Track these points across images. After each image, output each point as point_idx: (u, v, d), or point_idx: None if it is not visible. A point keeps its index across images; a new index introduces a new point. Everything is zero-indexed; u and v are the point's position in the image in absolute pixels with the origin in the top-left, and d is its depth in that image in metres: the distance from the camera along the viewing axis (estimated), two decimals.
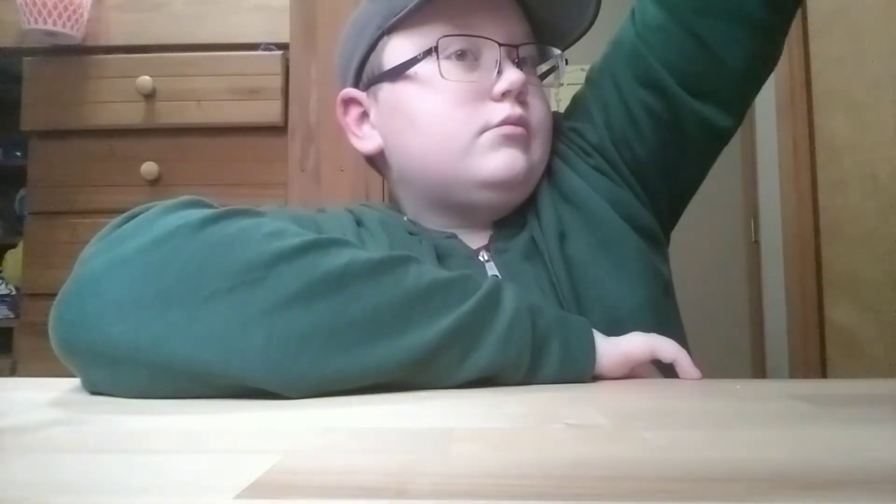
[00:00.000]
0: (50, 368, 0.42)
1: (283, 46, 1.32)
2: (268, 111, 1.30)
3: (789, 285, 1.90)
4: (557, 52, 0.63)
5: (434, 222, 0.63)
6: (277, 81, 1.31)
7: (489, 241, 0.62)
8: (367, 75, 0.63)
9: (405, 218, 0.64)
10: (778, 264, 2.00)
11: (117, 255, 0.38)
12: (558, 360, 0.45)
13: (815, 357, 1.76)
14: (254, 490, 0.21)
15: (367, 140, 0.64)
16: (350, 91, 0.65)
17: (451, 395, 0.40)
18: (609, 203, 0.60)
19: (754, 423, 0.32)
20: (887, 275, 1.45)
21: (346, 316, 0.39)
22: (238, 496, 0.20)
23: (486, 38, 0.58)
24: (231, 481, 0.22)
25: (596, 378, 0.47)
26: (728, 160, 2.90)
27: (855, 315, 1.63)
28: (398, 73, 0.60)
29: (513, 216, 0.62)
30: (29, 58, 1.36)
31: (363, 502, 0.20)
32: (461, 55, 0.59)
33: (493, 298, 0.45)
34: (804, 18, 1.79)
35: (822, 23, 1.74)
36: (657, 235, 0.64)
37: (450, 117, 0.59)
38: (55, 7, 1.26)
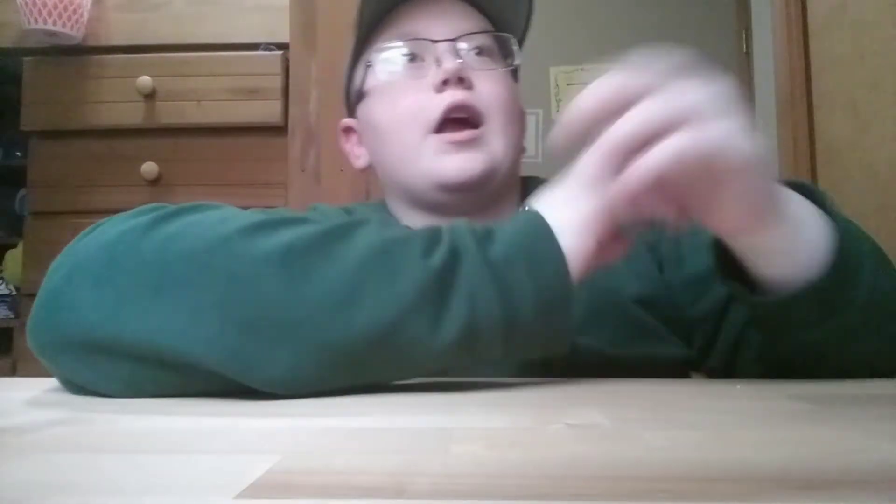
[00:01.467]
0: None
1: (283, 46, 1.33)
2: (268, 111, 1.31)
3: None
4: (508, 35, 0.66)
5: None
6: (277, 81, 1.31)
7: None
8: (352, 102, 0.70)
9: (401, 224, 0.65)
10: None
11: (75, 263, 0.39)
12: (530, 287, 0.38)
13: None
14: (254, 490, 0.21)
15: (359, 159, 0.70)
16: (346, 121, 0.72)
17: (451, 395, 0.40)
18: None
19: (754, 423, 0.32)
20: None
21: (296, 295, 0.36)
22: (238, 496, 0.20)
23: (420, 38, 0.62)
24: (231, 481, 0.22)
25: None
26: None
27: None
28: (360, 92, 0.67)
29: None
30: (29, 58, 1.36)
31: (363, 502, 0.20)
32: (412, 59, 0.63)
33: (455, 253, 0.39)
34: (804, 18, 1.79)
35: (822, 23, 1.74)
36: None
37: (398, 119, 0.62)
38: (55, 7, 1.26)
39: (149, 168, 1.30)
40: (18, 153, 2.13)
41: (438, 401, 0.38)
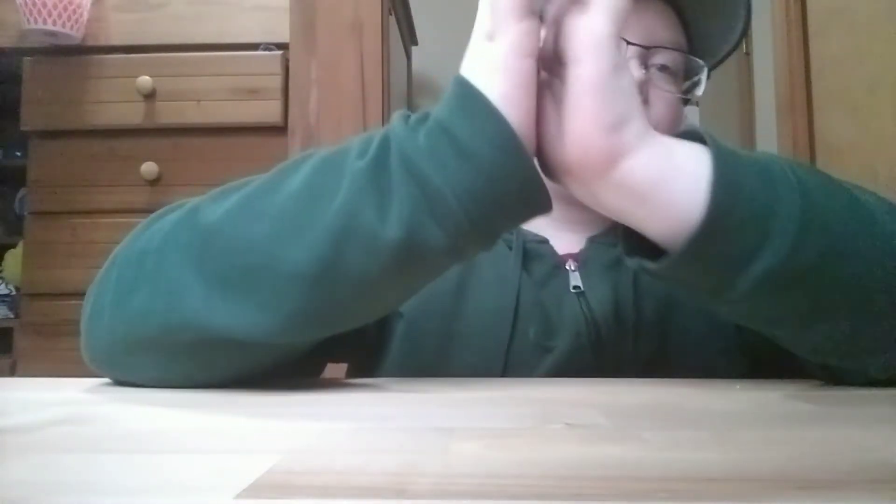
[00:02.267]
0: (50, 368, 0.43)
1: (283, 46, 1.33)
2: (268, 111, 1.31)
3: None
4: (700, 62, 0.60)
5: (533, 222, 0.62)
6: (277, 81, 1.31)
7: (580, 250, 0.59)
8: None
9: None
10: None
11: (111, 265, 0.44)
12: (454, 159, 0.34)
13: None
14: (254, 490, 0.21)
15: None
16: None
17: (451, 394, 0.40)
18: None
19: (754, 423, 0.32)
20: None
21: (252, 234, 0.37)
22: (238, 496, 0.20)
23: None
24: (231, 481, 0.22)
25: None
26: None
27: None
28: None
29: (610, 231, 0.59)
30: (29, 58, 1.36)
31: (363, 502, 0.20)
32: None
33: (385, 140, 0.36)
34: (804, 18, 1.79)
35: (822, 23, 1.74)
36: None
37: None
38: (55, 7, 1.26)
39: (149, 168, 1.30)
40: (18, 153, 2.13)
41: (438, 400, 0.38)
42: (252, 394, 0.38)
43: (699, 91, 0.60)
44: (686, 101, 0.62)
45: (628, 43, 0.56)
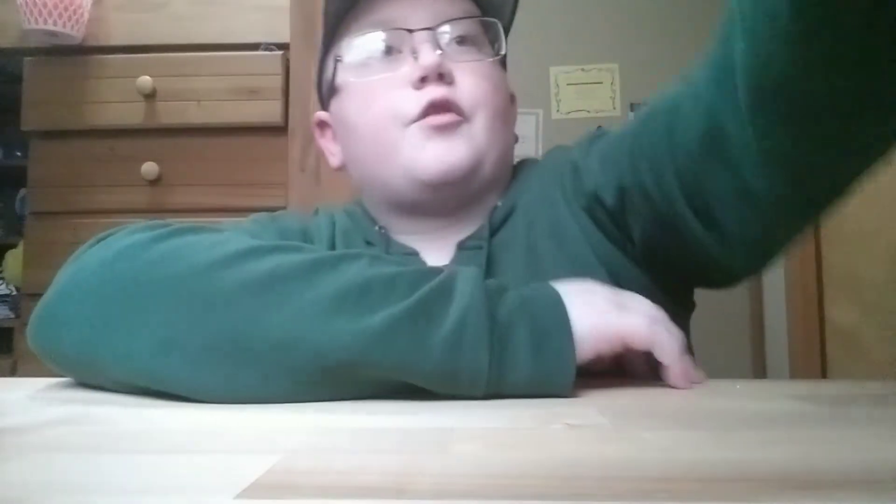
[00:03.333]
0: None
1: (283, 46, 1.32)
2: (268, 111, 1.30)
3: (789, 285, 1.90)
4: (492, 20, 0.60)
5: (400, 229, 0.60)
6: (277, 81, 1.31)
7: (451, 259, 0.58)
8: (324, 96, 0.65)
9: (376, 227, 0.61)
10: (778, 264, 1.99)
11: (74, 277, 0.41)
12: (529, 352, 0.38)
13: (815, 357, 1.76)
14: (254, 490, 0.21)
15: (334, 157, 0.65)
16: (320, 114, 0.66)
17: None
18: (592, 249, 0.55)
19: (754, 423, 0.32)
20: (888, 275, 1.45)
21: (264, 322, 0.36)
22: (238, 496, 0.20)
23: (395, 28, 0.56)
24: (231, 481, 0.22)
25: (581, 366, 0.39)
26: None
27: (855, 315, 1.62)
28: (332, 86, 0.61)
29: (476, 233, 0.58)
30: (29, 58, 1.36)
31: (363, 502, 0.20)
32: (387, 51, 0.58)
33: (443, 289, 0.39)
34: None
35: None
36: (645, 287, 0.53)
37: (373, 121, 0.57)
38: (55, 7, 1.26)
39: (149, 168, 1.30)
40: (18, 153, 2.13)
41: (438, 401, 0.38)
42: None
43: (502, 49, 0.61)
44: (502, 64, 0.62)
45: (410, 31, 0.56)
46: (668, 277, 0.56)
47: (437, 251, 0.58)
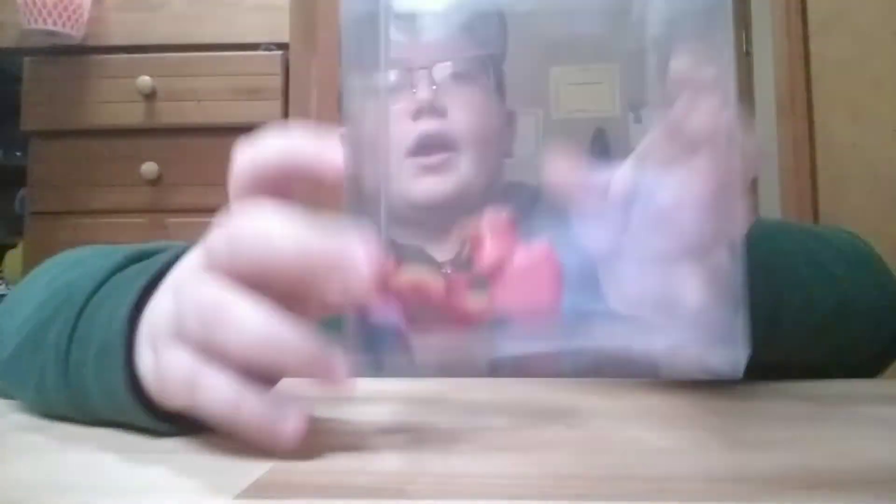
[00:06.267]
0: None
1: (283, 46, 1.33)
2: (268, 111, 1.30)
3: None
4: (482, 56, 0.63)
5: (405, 230, 0.66)
6: (277, 81, 1.31)
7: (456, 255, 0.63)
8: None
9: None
10: None
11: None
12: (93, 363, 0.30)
13: None
14: (254, 490, 0.21)
15: None
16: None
17: (450, 395, 0.40)
18: None
19: (754, 423, 0.32)
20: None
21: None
22: (238, 496, 0.20)
23: (397, 67, 0.60)
24: (231, 481, 0.22)
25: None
26: None
27: None
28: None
29: None
30: (29, 58, 1.36)
31: (363, 502, 0.20)
32: (399, 83, 0.62)
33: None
34: (804, 19, 1.79)
35: (822, 23, 1.74)
36: None
37: (377, 141, 0.62)
38: (55, 7, 1.26)
39: (149, 168, 1.30)
40: (18, 153, 2.13)
41: (438, 401, 0.38)
42: None
43: (491, 81, 0.62)
44: (500, 88, 0.63)
45: (409, 70, 0.58)
46: None
47: (441, 247, 0.62)
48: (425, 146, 0.61)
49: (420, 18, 0.63)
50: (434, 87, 0.61)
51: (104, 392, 0.29)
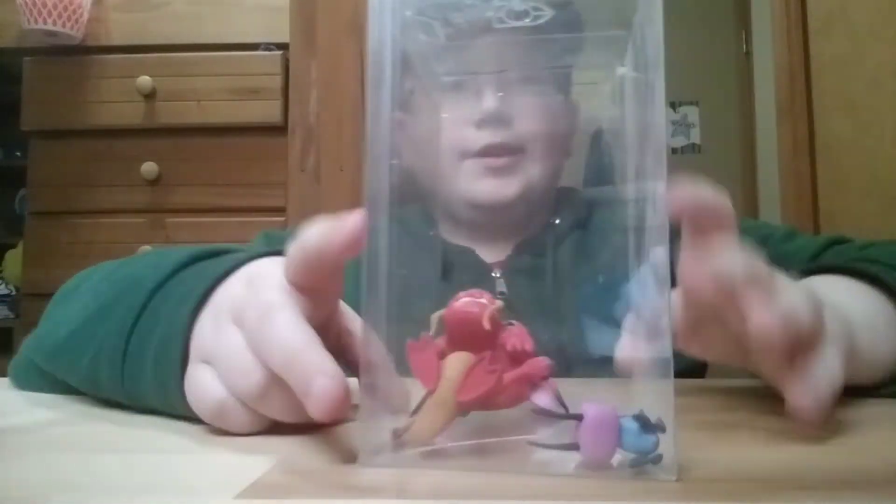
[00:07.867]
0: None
1: (283, 46, 1.33)
2: (268, 111, 1.30)
3: None
4: (558, 68, 0.60)
5: (458, 230, 0.64)
6: (277, 81, 1.31)
7: (507, 257, 0.61)
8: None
9: (430, 233, 0.63)
10: None
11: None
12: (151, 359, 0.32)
13: None
14: (254, 490, 0.21)
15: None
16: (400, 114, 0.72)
17: None
18: None
19: (754, 423, 0.32)
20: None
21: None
22: (238, 496, 0.20)
23: (464, 73, 0.58)
24: (231, 481, 0.22)
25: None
26: (728, 159, 2.86)
27: None
28: (405, 98, 0.65)
29: (538, 237, 0.61)
30: (29, 58, 1.36)
31: (363, 502, 0.20)
32: (456, 86, 0.60)
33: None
34: (804, 18, 1.79)
35: (822, 23, 1.74)
36: None
37: (437, 144, 0.59)
38: (55, 7, 1.26)
39: (149, 168, 1.30)
40: (18, 153, 2.13)
41: None
42: None
43: (565, 88, 0.62)
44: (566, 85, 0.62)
45: (475, 75, 0.57)
46: None
47: (493, 249, 0.62)
48: (491, 154, 0.59)
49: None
50: (500, 94, 0.58)
51: (158, 384, 0.31)
